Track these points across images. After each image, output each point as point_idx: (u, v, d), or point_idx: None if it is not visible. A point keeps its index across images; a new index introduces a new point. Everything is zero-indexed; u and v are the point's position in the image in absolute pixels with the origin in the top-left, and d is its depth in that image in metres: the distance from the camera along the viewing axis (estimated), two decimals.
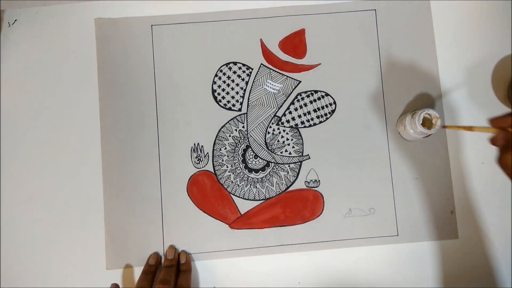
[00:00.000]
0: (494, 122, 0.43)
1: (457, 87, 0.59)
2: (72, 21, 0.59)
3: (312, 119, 0.58)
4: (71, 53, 0.59)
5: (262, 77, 0.59)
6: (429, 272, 0.56)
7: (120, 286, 0.53)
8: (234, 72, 0.59)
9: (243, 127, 0.58)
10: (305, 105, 0.58)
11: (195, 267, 0.56)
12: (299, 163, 0.58)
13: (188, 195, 0.57)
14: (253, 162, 0.58)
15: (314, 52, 0.59)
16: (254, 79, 0.59)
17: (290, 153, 0.58)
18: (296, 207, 0.57)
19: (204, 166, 0.57)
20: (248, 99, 0.58)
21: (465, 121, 0.59)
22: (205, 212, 0.57)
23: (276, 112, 0.58)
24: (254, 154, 0.58)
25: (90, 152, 0.57)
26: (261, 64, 0.59)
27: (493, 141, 0.44)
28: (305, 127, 0.58)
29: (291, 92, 0.59)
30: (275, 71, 0.59)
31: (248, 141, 0.58)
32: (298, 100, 0.58)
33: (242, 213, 0.57)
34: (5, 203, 0.56)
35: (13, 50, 0.59)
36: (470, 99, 0.59)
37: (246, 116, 0.58)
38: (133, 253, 0.56)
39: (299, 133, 0.58)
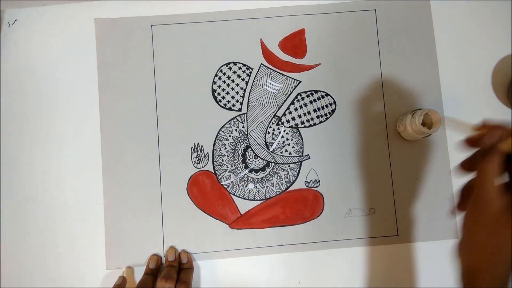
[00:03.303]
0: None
1: (457, 87, 0.59)
2: (72, 21, 0.59)
3: (312, 119, 0.58)
4: (71, 53, 0.59)
5: (262, 77, 0.59)
6: (429, 272, 0.56)
7: (121, 286, 0.53)
8: (234, 72, 0.59)
9: (243, 127, 0.58)
10: (305, 105, 0.58)
11: (195, 267, 0.56)
12: (299, 163, 0.58)
13: (188, 195, 0.57)
14: (253, 162, 0.58)
15: (314, 52, 0.59)
16: (254, 79, 0.59)
17: (290, 153, 0.58)
18: (296, 207, 0.57)
19: (204, 166, 0.57)
20: (248, 99, 0.58)
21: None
22: (205, 212, 0.57)
23: (276, 112, 0.58)
24: (254, 154, 0.58)
25: (90, 152, 0.57)
26: (261, 64, 0.59)
27: (477, 141, 0.39)
28: (305, 127, 0.58)
29: (291, 92, 0.59)
30: (275, 71, 0.59)
31: (248, 141, 0.58)
32: (298, 100, 0.58)
33: (242, 213, 0.57)
34: (5, 203, 0.56)
35: (13, 50, 0.59)
36: (470, 99, 0.59)
37: (246, 116, 0.58)
38: (133, 253, 0.56)
39: (299, 133, 0.58)
